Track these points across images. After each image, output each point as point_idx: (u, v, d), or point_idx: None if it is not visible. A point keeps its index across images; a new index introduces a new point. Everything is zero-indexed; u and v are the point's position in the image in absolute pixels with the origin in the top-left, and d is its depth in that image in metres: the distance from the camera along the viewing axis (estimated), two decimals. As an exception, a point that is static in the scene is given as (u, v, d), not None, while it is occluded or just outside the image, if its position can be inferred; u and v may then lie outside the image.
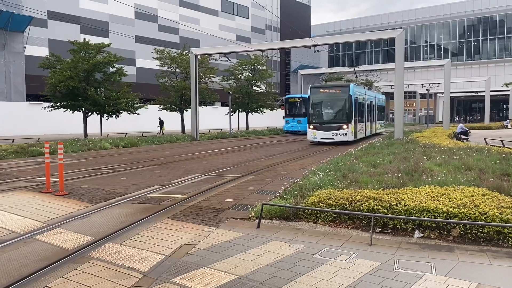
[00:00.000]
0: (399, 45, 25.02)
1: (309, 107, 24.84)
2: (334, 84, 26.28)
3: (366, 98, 28.67)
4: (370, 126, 30.60)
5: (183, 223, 6.84)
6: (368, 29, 73.70)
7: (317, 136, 24.08)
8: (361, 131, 26.65)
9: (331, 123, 23.84)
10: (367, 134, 29.01)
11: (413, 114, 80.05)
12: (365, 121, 28.18)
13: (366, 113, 28.46)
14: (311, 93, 24.67)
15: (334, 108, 24.54)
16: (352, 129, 23.87)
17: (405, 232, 6.00)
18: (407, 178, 9.00)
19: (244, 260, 5.00)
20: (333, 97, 24.32)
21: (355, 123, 24.55)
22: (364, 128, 28.03)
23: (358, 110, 25.21)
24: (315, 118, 24.54)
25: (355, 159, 13.17)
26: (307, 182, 9.00)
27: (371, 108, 30.67)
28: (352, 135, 23.93)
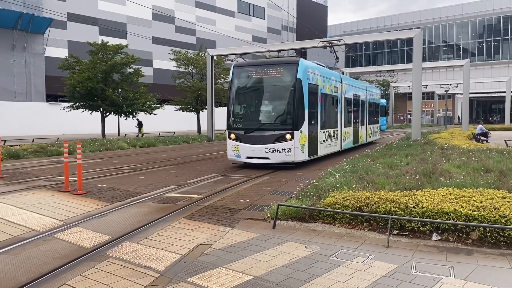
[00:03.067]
0: (417, 45, 24.69)
1: (230, 100, 14.31)
2: (272, 61, 14.69)
3: (343, 89, 18.51)
4: (353, 133, 20.63)
5: (199, 223, 6.87)
6: (386, 29, 72.95)
7: (241, 152, 13.70)
8: (328, 142, 16.43)
9: (265, 130, 13.38)
10: (345, 147, 18.89)
11: (431, 115, 79.00)
12: (339, 125, 18.07)
13: (341, 112, 18.30)
14: (234, 76, 14.35)
15: (271, 104, 14.04)
16: (302, 140, 13.53)
17: (422, 235, 5.92)
18: (425, 180, 8.86)
19: (260, 261, 5.00)
20: (270, 83, 13.86)
21: (311, 130, 14.23)
22: (337, 138, 17.73)
23: (320, 106, 15.16)
24: (239, 120, 14.07)
25: (372, 160, 13.04)
26: (323, 183, 8.95)
27: (354, 105, 20.73)
28: (302, 151, 13.48)
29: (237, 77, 14.26)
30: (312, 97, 14.36)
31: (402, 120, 76.51)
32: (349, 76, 56.56)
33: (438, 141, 19.12)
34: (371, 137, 25.23)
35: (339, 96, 17.91)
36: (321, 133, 15.48)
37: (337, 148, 17.79)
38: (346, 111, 19.05)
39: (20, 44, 36.78)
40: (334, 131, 17.29)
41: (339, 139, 18.05)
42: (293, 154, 13.10)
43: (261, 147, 13.29)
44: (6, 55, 35.62)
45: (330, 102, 17.00)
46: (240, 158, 13.87)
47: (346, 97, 19.12)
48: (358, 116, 21.80)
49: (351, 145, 20.21)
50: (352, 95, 20.37)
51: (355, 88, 21.22)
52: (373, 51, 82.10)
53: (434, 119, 76.00)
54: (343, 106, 18.48)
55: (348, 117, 19.71)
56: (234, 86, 14.22)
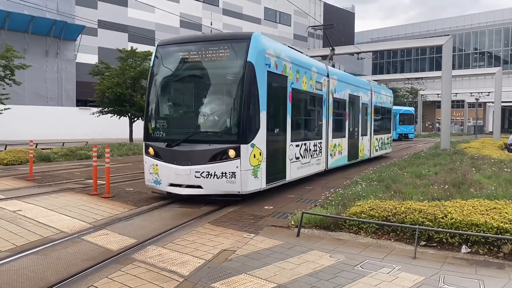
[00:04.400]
0: (446, 53, 24.23)
1: (149, 96, 9.83)
2: (213, 37, 10.05)
3: (331, 86, 13.58)
4: (349, 146, 15.53)
5: (223, 228, 6.90)
6: (414, 36, 71.86)
7: (162, 176, 9.14)
8: (306, 160, 11.60)
9: (196, 143, 8.86)
10: (334, 165, 14.01)
11: (460, 123, 77.14)
12: (325, 135, 13.13)
13: (328, 118, 13.37)
14: (157, 59, 9.80)
15: (208, 102, 9.39)
16: (256, 159, 8.82)
17: (451, 247, 5.77)
18: (454, 190, 8.66)
19: (284, 269, 4.97)
20: (209, 70, 9.32)
21: (273, 143, 9.60)
22: (321, 153, 12.80)
23: (291, 108, 10.50)
24: (161, 126, 9.48)
25: (400, 169, 12.83)
26: (348, 191, 8.86)
27: (350, 109, 15.69)
28: (255, 175, 8.81)
29: (161, 61, 9.56)
30: (276, 93, 9.68)
31: (431, 129, 75.05)
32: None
33: (468, 151, 18.67)
34: (378, 150, 19.67)
35: (324, 96, 12.90)
36: (292, 147, 10.48)
37: (321, 167, 12.78)
38: (336, 116, 14.05)
39: (53, 51, 37.95)
40: (316, 144, 12.32)
41: (324, 155, 13.01)
42: (238, 181, 8.31)
43: (190, 169, 8.48)
44: (39, 61, 36.79)
45: (309, 103, 12.03)
46: (160, 186, 9.02)
47: (337, 97, 14.13)
48: (358, 123, 16.50)
49: (345, 162, 15.08)
50: (348, 95, 15.25)
51: (352, 86, 15.86)
52: (401, 58, 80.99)
53: (463, 128, 74.17)
54: (330, 110, 13.42)
55: (340, 124, 14.69)
56: (156, 75, 9.56)
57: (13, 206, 8.45)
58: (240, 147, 8.41)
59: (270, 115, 9.32)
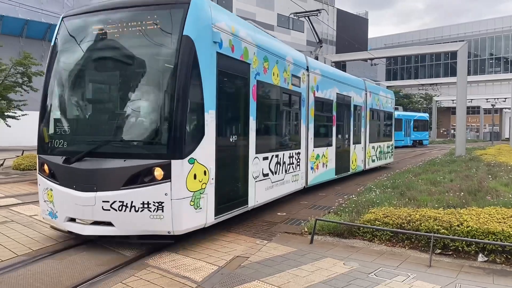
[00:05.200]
0: (461, 59, 24.00)
1: (46, 88, 6.73)
2: (136, 2, 6.37)
3: (311, 81, 11.10)
4: (338, 156, 12.90)
5: (235, 234, 6.90)
6: (429, 42, 71.30)
7: (58, 206, 6.14)
8: (278, 177, 9.00)
9: (103, 158, 5.87)
10: (316, 180, 11.42)
11: (476, 130, 76.13)
12: (304, 143, 10.69)
13: (309, 122, 10.91)
14: (63, 32, 6.80)
15: (125, 97, 6.38)
16: (197, 181, 5.95)
17: (467, 255, 5.68)
18: (470, 198, 8.54)
19: (297, 276, 4.95)
20: (129, 50, 6.33)
21: (226, 155, 6.84)
22: (299, 166, 10.32)
23: (255, 108, 7.81)
24: (59, 132, 6.52)
25: (414, 176, 12.71)
26: (362, 198, 8.80)
27: (339, 111, 13.01)
28: (196, 205, 5.94)
29: (65, 39, 6.81)
30: (232, 85, 7.26)
31: (446, 135, 74.25)
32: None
33: (484, 158, 18.42)
34: (375, 160, 16.83)
35: (303, 94, 10.35)
36: (258, 161, 7.84)
37: (299, 184, 10.20)
38: (319, 120, 11.54)
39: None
40: (293, 155, 9.71)
41: (303, 169, 10.44)
42: (168, 216, 5.69)
43: (95, 197, 5.80)
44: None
45: (283, 102, 9.43)
46: (56, 220, 6.30)
47: (321, 97, 11.52)
48: (348, 129, 13.91)
49: (331, 176, 12.44)
50: (335, 95, 12.60)
51: (341, 85, 13.12)
52: (415, 64, 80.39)
53: (479, 134, 73.19)
54: (311, 112, 10.85)
55: (325, 131, 12.17)
56: (57, 59, 6.78)
57: (30, 211, 8.58)
58: (171, 164, 5.60)
59: (222, 116, 6.56)
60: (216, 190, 6.31)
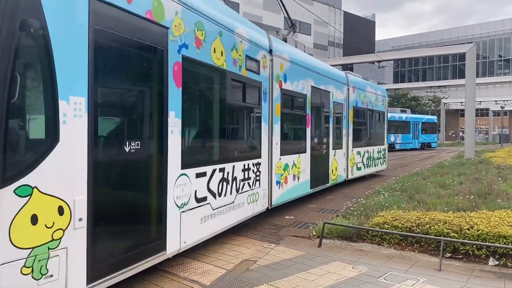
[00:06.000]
0: (470, 60, 23.84)
1: None
2: None
3: (275, 67, 8.37)
4: (313, 165, 10.24)
5: (244, 238, 6.90)
6: (437, 44, 70.96)
7: None
8: (222, 202, 6.29)
9: None
10: (284, 198, 8.70)
11: (485, 132, 75.49)
12: (266, 150, 7.96)
13: (272, 122, 8.19)
14: None
15: None
16: (39, 230, 3.22)
17: (478, 259, 5.62)
18: (480, 201, 8.47)
19: (305, 280, 4.93)
20: None
21: (104, 173, 4.03)
22: (260, 181, 7.64)
23: (171, 97, 4.98)
24: None
25: (423, 179, 12.63)
26: (371, 201, 8.76)
27: (313, 108, 10.33)
28: (35, 274, 3.15)
29: None
30: (127, 57, 4.59)
31: (454, 138, 73.66)
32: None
33: (494, 160, 18.26)
34: (361, 168, 14.19)
35: (264, 84, 7.83)
36: (186, 180, 5.35)
37: (259, 205, 7.70)
38: (287, 120, 9.05)
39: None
40: (249, 168, 7.26)
41: (266, 184, 7.92)
42: None
43: None
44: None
45: (230, 93, 6.77)
46: None
47: (289, 89, 8.97)
48: (327, 132, 11.40)
49: (306, 191, 9.80)
50: (309, 89, 10.01)
51: (317, 76, 10.57)
52: (423, 66, 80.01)
53: (488, 136, 72.56)
54: (276, 109, 8.34)
55: (297, 133, 9.74)
56: None
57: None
58: None
59: (106, 109, 4.30)
60: (91, 238, 3.74)
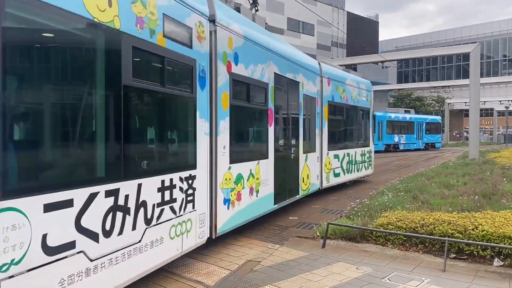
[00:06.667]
0: (474, 60, 23.76)
1: None
2: None
3: (221, 45, 6.08)
4: (277, 173, 8.04)
5: (247, 238, 6.90)
6: (440, 44, 70.73)
7: None
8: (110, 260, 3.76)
9: None
10: (228, 223, 6.28)
11: (489, 132, 75.15)
12: (204, 156, 5.63)
13: (215, 119, 5.92)
14: None
15: None
16: None
17: (482, 259, 5.60)
18: (485, 201, 8.44)
19: (310, 280, 4.93)
20: None
21: None
22: (189, 205, 5.20)
23: None
24: None
25: (427, 179, 12.59)
26: (374, 202, 8.75)
27: (275, 103, 7.98)
28: None
29: None
30: None
31: (458, 138, 73.40)
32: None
33: (498, 161, 18.19)
34: (341, 174, 12.14)
35: (201, 63, 5.61)
36: (11, 221, 2.81)
37: (194, 238, 5.40)
38: (239, 116, 6.83)
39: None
40: (172, 184, 4.87)
41: (206, 206, 5.77)
42: None
43: None
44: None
45: (137, 70, 4.26)
46: None
47: (242, 75, 6.81)
48: (297, 131, 9.34)
49: (268, 207, 7.85)
50: (272, 76, 7.91)
51: (282, 61, 8.52)
52: (427, 66, 79.77)
53: (493, 137, 72.22)
54: (223, 100, 6.19)
55: (255, 132, 7.72)
56: None
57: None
58: None
59: None
60: None
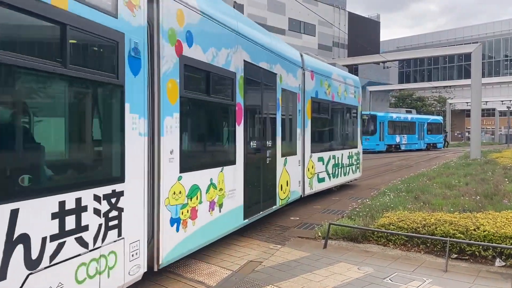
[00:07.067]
0: (476, 60, 23.73)
1: None
2: None
3: (169, 21, 4.59)
4: (249, 180, 6.73)
5: (249, 239, 6.90)
6: (442, 44, 70.62)
7: None
8: None
9: None
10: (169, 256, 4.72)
11: (491, 132, 75.01)
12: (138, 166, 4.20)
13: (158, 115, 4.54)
14: None
15: None
16: None
17: (484, 260, 5.60)
18: (486, 201, 8.43)
19: (311, 281, 4.93)
20: None
21: None
22: (98, 241, 3.62)
23: None
24: None
25: (428, 180, 12.58)
26: (376, 202, 8.74)
27: (244, 96, 6.59)
28: None
29: None
30: None
31: (460, 138, 73.29)
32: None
33: (500, 161, 18.15)
34: (326, 178, 10.85)
35: (136, 40, 4.13)
36: None
37: (121, 276, 3.99)
38: (199, 110, 5.67)
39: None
40: (80, 206, 3.41)
41: (146, 229, 4.37)
42: None
43: None
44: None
45: None
46: None
47: (200, 61, 5.28)
48: (274, 130, 8.06)
49: (236, 223, 6.49)
50: (241, 64, 6.52)
51: (254, 47, 7.10)
52: (428, 66, 79.68)
53: (495, 137, 72.08)
54: (169, 89, 4.72)
55: (218, 133, 6.36)
56: None
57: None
58: None
59: None
60: None
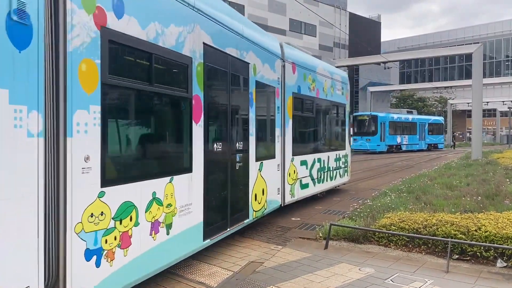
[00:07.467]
0: (477, 61, 23.71)
1: None
2: None
3: None
4: (209, 190, 5.51)
5: (250, 240, 6.90)
6: (443, 44, 70.59)
7: None
8: None
9: None
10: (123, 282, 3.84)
11: (492, 133, 74.93)
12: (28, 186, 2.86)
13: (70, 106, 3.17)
14: None
15: None
16: None
17: (486, 261, 5.58)
18: (488, 202, 8.41)
19: (312, 282, 4.92)
20: None
21: None
22: None
23: None
24: None
25: (430, 180, 12.56)
26: (377, 203, 8.73)
27: (205, 90, 5.29)
28: None
29: None
30: None
31: (461, 139, 73.23)
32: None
33: (501, 161, 18.13)
34: (310, 184, 9.79)
35: (33, 8, 2.89)
36: None
37: None
38: (140, 105, 4.42)
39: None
40: None
41: (36, 273, 2.90)
42: None
43: None
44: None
45: None
46: None
47: (131, 36, 3.89)
48: (246, 130, 6.82)
49: (194, 246, 5.20)
50: (199, 47, 5.20)
51: (215, 26, 5.61)
52: (430, 67, 79.60)
53: (496, 137, 72.01)
54: (88, 76, 3.37)
55: (166, 134, 5.06)
56: None
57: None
58: None
59: None
60: None
